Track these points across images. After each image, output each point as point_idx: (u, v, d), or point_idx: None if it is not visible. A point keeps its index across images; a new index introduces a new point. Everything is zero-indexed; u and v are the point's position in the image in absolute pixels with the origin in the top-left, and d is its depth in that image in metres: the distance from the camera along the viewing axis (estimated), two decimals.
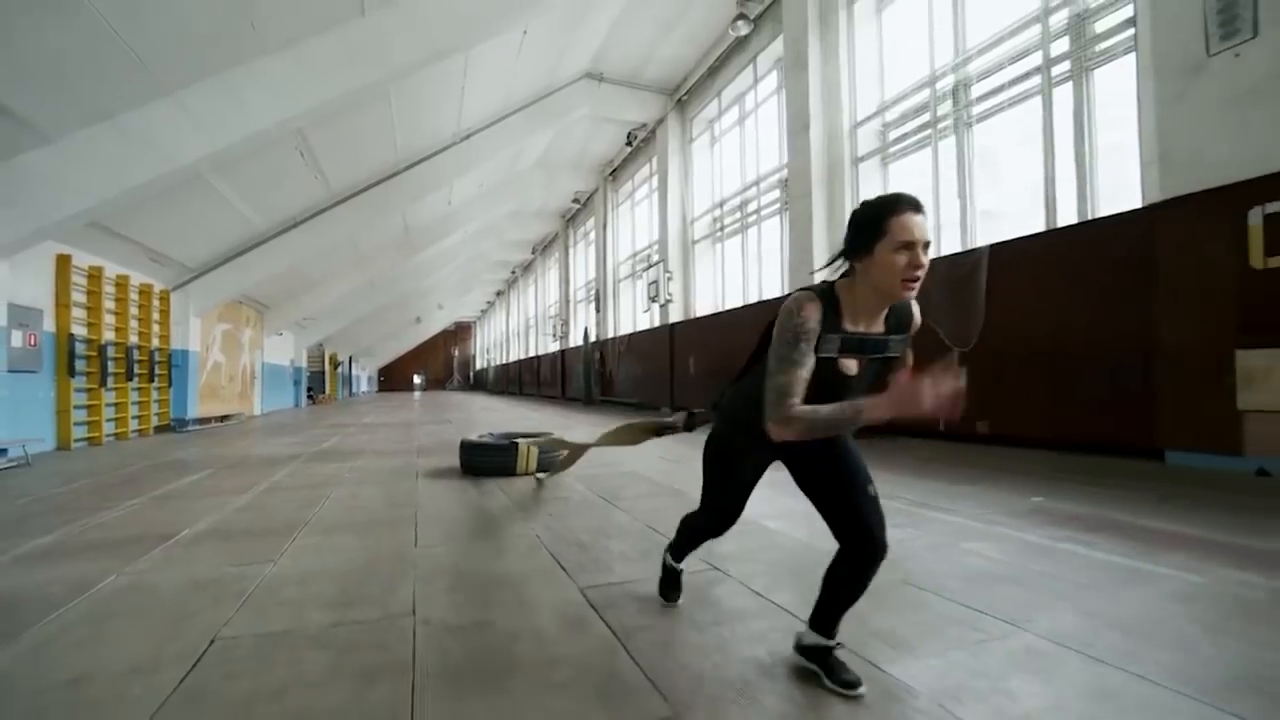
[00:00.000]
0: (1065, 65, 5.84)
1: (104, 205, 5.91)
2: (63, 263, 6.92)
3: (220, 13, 5.56)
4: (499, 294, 39.53)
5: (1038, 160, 6.05)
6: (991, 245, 5.90)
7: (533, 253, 27.80)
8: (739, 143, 11.62)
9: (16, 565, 2.57)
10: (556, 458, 4.37)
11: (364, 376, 41.33)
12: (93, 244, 7.55)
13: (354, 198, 11.06)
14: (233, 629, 1.86)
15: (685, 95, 12.97)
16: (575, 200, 20.40)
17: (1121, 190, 5.30)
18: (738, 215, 11.56)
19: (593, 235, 19.39)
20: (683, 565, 2.02)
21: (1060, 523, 2.94)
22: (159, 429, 9.31)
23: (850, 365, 1.41)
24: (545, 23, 9.35)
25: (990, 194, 6.82)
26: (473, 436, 5.13)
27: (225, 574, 2.40)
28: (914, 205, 1.31)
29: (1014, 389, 5.59)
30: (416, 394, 35.31)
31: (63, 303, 6.92)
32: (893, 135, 8.02)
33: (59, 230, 6.00)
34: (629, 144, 14.97)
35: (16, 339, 6.09)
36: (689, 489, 3.73)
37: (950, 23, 7.09)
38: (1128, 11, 5.27)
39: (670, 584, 2.02)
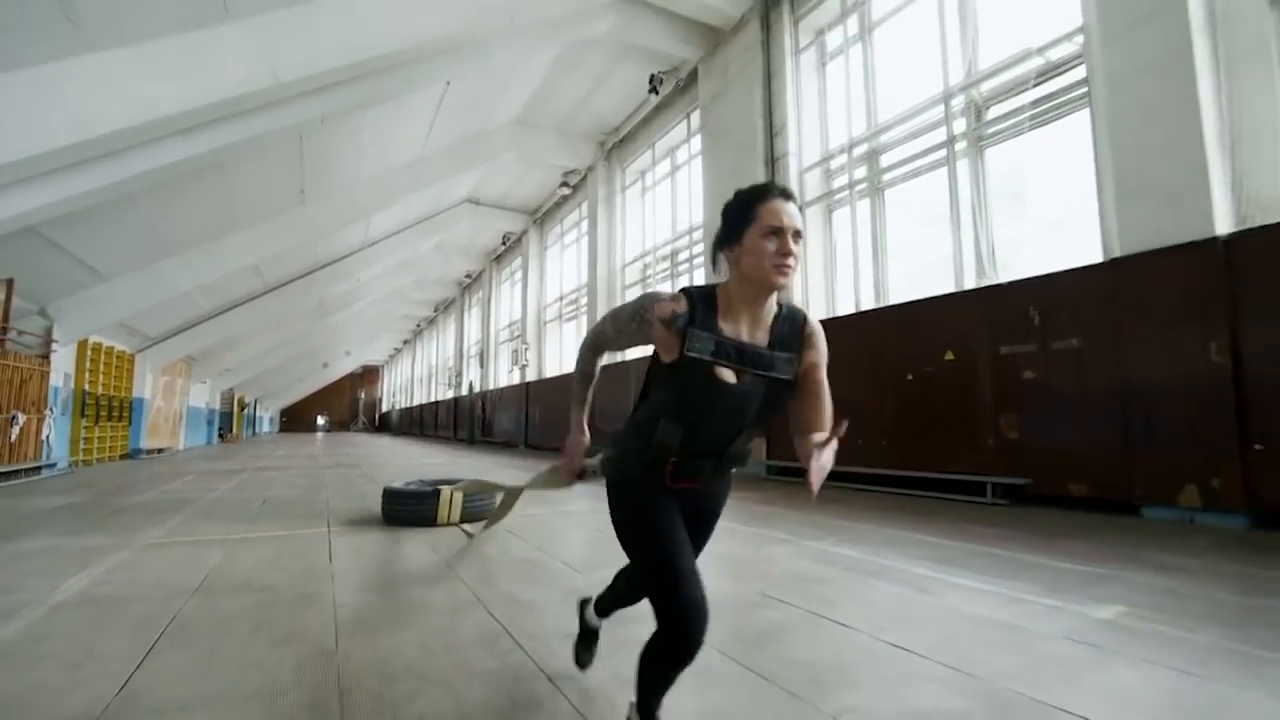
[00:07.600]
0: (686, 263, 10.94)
1: (132, 315, 9.71)
2: (82, 344, 10.48)
3: (213, 210, 9.65)
4: (406, 342, 42.60)
5: None
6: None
7: (435, 310, 31.67)
8: (576, 256, 16.46)
9: (148, 502, 6.53)
10: (489, 508, 4.35)
11: (266, 417, 42.83)
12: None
13: (281, 287, 14.91)
14: (264, 504, 6.05)
15: (540, 216, 17.82)
16: (468, 275, 24.72)
17: None
18: (572, 307, 16.31)
19: (481, 305, 23.71)
20: (601, 623, 1.68)
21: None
22: (121, 456, 12.58)
23: (726, 373, 1.27)
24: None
25: None
26: (396, 484, 5.13)
27: (246, 495, 6.50)
28: (783, 193, 1.27)
29: None
30: (319, 434, 37.54)
31: (80, 369, 10.43)
32: (649, 273, 13.00)
33: (101, 331, 9.71)
34: (504, 244, 19.61)
35: (64, 394, 9.65)
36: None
37: (670, 210, 12.16)
38: None
39: (587, 643, 1.67)
